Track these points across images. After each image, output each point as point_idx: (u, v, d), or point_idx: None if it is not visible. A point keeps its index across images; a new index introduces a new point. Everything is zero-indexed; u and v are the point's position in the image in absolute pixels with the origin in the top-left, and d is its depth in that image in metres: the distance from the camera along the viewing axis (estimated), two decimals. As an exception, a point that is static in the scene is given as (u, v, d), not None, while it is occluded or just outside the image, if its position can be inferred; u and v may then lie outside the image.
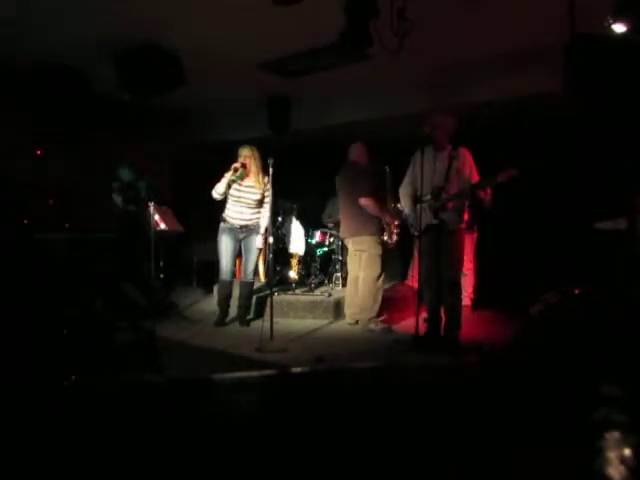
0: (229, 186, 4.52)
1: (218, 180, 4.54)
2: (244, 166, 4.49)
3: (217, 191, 4.50)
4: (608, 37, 3.05)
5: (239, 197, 4.55)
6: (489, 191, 4.77)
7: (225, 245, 4.59)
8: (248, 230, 4.62)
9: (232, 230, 4.59)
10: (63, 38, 4.37)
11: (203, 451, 0.78)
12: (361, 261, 4.59)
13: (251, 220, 4.63)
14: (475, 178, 3.86)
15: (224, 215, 4.62)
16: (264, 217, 4.62)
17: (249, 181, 4.57)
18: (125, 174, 5.40)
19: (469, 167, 3.86)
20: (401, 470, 0.73)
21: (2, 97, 5.18)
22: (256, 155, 4.57)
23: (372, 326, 4.50)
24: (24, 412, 0.89)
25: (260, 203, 4.63)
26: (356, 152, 4.71)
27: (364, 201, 4.40)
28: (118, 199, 5.23)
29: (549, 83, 4.22)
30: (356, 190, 4.48)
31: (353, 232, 4.60)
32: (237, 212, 4.58)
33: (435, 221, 3.85)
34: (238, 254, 4.72)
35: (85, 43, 4.46)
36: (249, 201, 4.58)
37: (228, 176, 4.47)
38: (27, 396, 0.95)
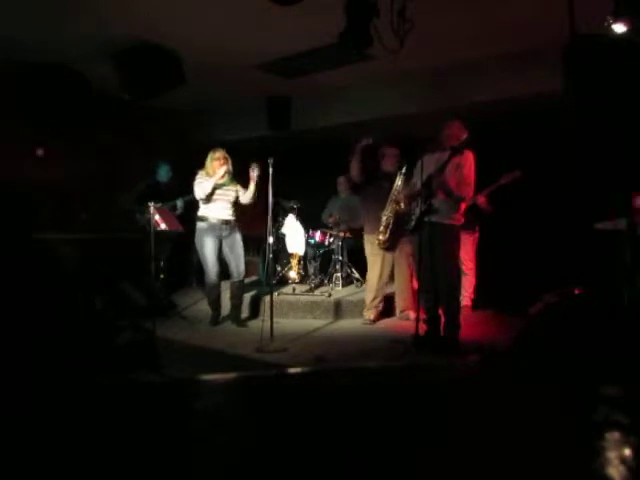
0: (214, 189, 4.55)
1: (192, 179, 4.59)
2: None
3: (205, 192, 4.49)
4: (608, 37, 3.05)
5: (221, 194, 4.59)
6: (484, 199, 4.83)
7: (209, 246, 4.58)
8: (230, 227, 4.64)
9: (214, 228, 4.58)
10: (63, 38, 4.37)
11: (202, 452, 0.78)
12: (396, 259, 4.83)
13: (232, 217, 4.66)
14: (469, 180, 3.81)
15: (203, 214, 4.60)
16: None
17: (224, 181, 4.62)
18: (163, 173, 5.43)
19: (467, 167, 3.81)
20: (401, 470, 0.73)
21: (2, 97, 5.18)
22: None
23: (409, 317, 4.76)
24: (24, 413, 0.89)
25: (236, 201, 4.70)
26: (381, 156, 4.84)
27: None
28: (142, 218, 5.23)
29: (549, 83, 4.21)
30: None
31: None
32: (220, 208, 4.59)
33: (423, 212, 3.82)
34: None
35: (85, 43, 4.46)
36: (230, 198, 4.64)
37: (216, 179, 4.49)
38: (27, 397, 0.95)
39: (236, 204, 4.71)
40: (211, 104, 6.49)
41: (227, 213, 4.62)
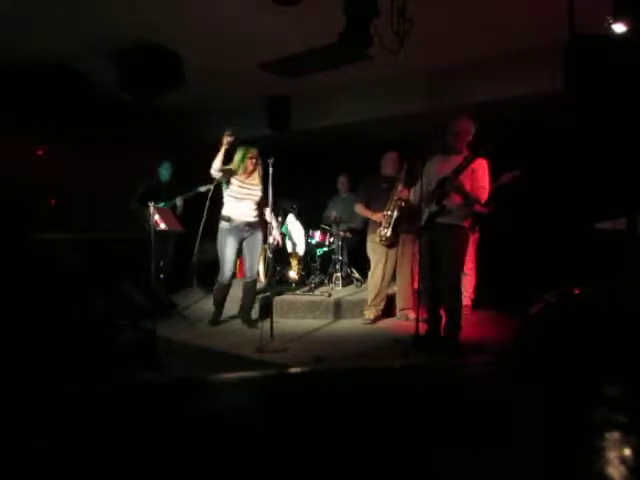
0: (228, 180, 4.42)
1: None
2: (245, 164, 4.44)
3: (215, 168, 4.31)
4: (608, 37, 3.05)
5: (247, 194, 4.48)
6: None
7: (230, 246, 4.46)
8: (252, 228, 4.55)
9: (237, 229, 4.47)
10: (63, 38, 4.37)
11: (203, 452, 0.78)
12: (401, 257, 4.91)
13: (256, 218, 4.57)
14: (483, 183, 3.77)
15: (226, 214, 4.47)
16: (268, 214, 4.61)
17: (254, 179, 4.52)
18: (164, 172, 5.42)
19: (482, 171, 3.77)
20: (401, 471, 0.73)
21: (2, 97, 5.18)
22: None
23: (409, 316, 4.81)
24: (24, 413, 0.89)
25: (261, 202, 4.59)
26: (383, 163, 4.93)
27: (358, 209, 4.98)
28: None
29: (549, 83, 4.22)
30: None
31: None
32: (244, 208, 4.48)
33: (435, 213, 3.80)
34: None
35: (85, 43, 4.47)
36: (255, 198, 4.52)
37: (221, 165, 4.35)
38: (27, 397, 0.95)
39: (259, 206, 4.58)
40: (211, 104, 6.50)
41: (252, 215, 4.51)
